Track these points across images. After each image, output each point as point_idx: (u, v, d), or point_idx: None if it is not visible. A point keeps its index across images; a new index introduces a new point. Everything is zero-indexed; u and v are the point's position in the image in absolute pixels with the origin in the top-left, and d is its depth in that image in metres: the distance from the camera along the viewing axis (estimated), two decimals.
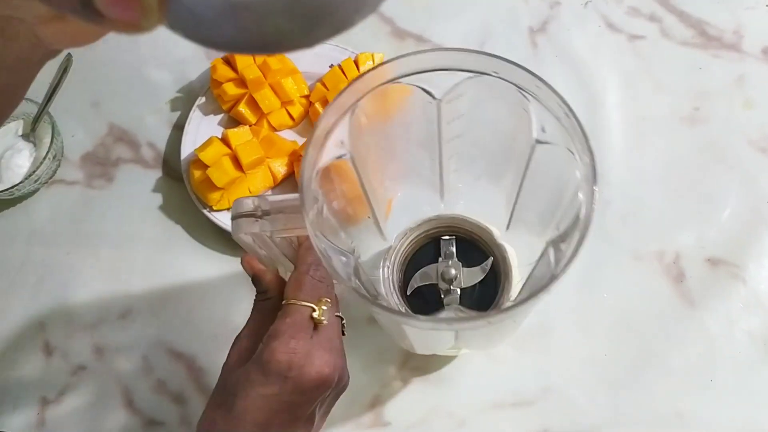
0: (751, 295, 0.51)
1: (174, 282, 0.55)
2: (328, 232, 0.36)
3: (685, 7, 0.61)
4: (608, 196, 0.54)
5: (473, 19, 0.62)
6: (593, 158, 0.30)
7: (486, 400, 0.49)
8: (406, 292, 0.47)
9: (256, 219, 0.35)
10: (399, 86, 0.35)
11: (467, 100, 0.36)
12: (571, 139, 0.32)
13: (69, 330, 0.54)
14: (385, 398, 0.50)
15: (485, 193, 0.46)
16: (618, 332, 0.51)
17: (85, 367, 0.53)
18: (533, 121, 0.34)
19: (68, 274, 0.56)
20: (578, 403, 0.49)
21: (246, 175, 0.54)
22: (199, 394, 0.51)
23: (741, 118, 0.56)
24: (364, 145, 0.38)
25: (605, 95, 0.58)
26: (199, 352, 0.52)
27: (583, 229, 0.30)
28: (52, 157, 0.58)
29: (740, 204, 0.54)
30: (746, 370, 0.49)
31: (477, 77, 0.34)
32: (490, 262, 0.46)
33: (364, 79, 0.34)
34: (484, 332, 0.41)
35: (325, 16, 0.18)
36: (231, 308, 0.53)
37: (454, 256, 0.46)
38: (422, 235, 0.49)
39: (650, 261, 0.52)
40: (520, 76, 0.32)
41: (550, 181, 0.37)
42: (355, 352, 0.51)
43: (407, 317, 0.31)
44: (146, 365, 0.52)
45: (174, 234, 0.56)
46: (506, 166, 0.40)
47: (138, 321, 0.54)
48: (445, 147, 0.40)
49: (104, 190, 0.59)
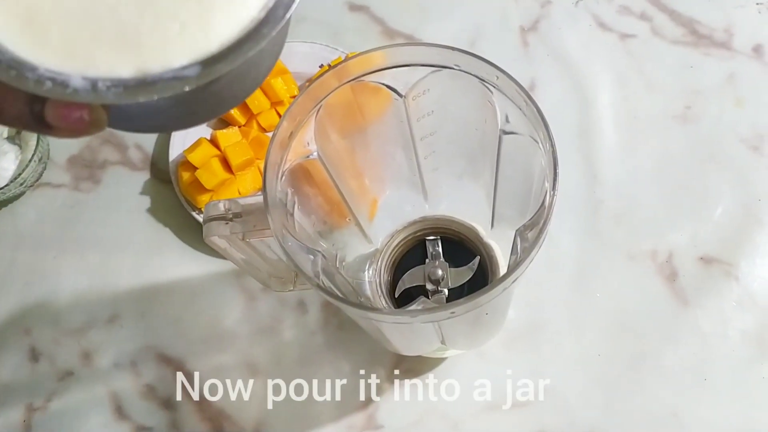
0: (744, 294, 0.51)
1: (162, 285, 0.54)
2: (302, 234, 0.36)
3: (675, 6, 0.61)
4: (600, 195, 0.54)
5: (464, 19, 0.62)
6: (554, 145, 0.30)
7: (479, 402, 0.49)
8: (395, 294, 0.46)
9: (226, 222, 0.34)
10: (364, 85, 0.35)
11: (434, 96, 0.36)
12: (533, 128, 0.32)
13: (56, 335, 0.53)
14: (377, 401, 0.50)
15: (467, 191, 0.46)
16: (611, 332, 0.50)
17: (73, 373, 0.52)
18: (497, 112, 0.34)
19: (55, 278, 0.55)
20: (573, 404, 0.49)
21: (235, 176, 0.54)
22: (188, 399, 0.50)
23: (732, 117, 0.56)
24: (333, 146, 0.38)
25: (597, 94, 0.58)
26: (189, 356, 0.52)
27: (546, 215, 0.30)
28: (38, 160, 0.57)
29: (732, 202, 0.53)
30: (740, 368, 0.49)
31: (439, 71, 0.34)
32: (477, 261, 0.45)
33: (325, 79, 0.34)
34: (464, 327, 0.40)
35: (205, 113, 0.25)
36: (220, 311, 0.53)
37: (440, 256, 0.46)
38: (410, 237, 0.49)
39: (643, 260, 0.52)
40: (481, 67, 0.32)
41: (520, 172, 0.37)
42: (346, 355, 0.51)
43: (372, 311, 0.31)
44: (135, 370, 0.52)
45: (162, 237, 0.56)
46: (482, 161, 0.40)
47: (126, 325, 0.53)
48: (419, 145, 0.40)
49: (91, 192, 0.58)
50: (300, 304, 0.53)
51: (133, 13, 0.21)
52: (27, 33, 0.20)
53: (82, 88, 0.20)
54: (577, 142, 0.56)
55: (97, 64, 0.20)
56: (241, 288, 0.53)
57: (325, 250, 0.40)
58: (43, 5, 0.20)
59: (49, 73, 0.19)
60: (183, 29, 0.21)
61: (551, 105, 0.56)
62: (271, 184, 0.33)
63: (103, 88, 0.20)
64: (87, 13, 0.20)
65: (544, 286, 0.51)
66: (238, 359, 0.51)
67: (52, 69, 0.20)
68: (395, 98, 0.36)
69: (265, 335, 0.52)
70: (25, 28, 0.20)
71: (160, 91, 0.20)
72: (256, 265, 0.40)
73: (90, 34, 0.20)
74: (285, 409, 0.50)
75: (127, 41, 0.20)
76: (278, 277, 0.43)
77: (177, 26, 0.21)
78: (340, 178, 0.41)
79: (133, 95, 0.20)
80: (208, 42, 0.21)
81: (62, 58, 0.20)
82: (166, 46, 0.21)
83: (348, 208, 0.43)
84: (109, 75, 0.20)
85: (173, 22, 0.21)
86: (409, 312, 0.30)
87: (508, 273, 0.29)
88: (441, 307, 0.30)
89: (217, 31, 0.21)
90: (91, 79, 0.20)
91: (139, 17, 0.21)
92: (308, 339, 0.52)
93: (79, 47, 0.20)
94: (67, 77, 0.20)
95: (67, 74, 0.20)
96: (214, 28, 0.21)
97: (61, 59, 0.20)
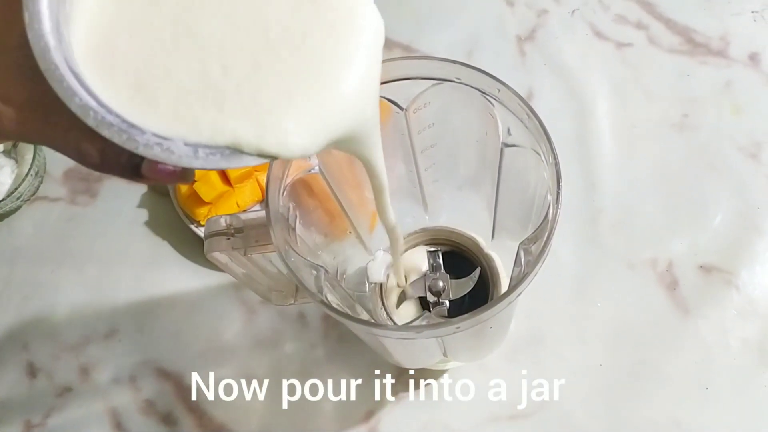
0: (744, 302, 0.51)
1: (161, 299, 0.54)
2: (304, 248, 0.36)
3: (671, 15, 0.61)
4: (600, 205, 0.54)
5: (461, 29, 0.62)
6: (557, 158, 0.30)
7: (481, 413, 0.49)
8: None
9: (228, 237, 0.34)
10: None
11: (435, 109, 0.36)
12: (535, 141, 0.32)
13: (54, 350, 0.53)
14: (379, 413, 0.49)
15: (467, 202, 0.46)
16: (612, 341, 0.50)
17: (71, 389, 0.52)
18: (499, 124, 0.35)
19: (53, 293, 0.55)
20: (575, 415, 0.48)
21: (234, 189, 0.54)
22: (188, 414, 0.50)
23: (730, 124, 0.57)
24: (334, 158, 0.37)
25: (594, 103, 0.58)
26: (188, 370, 0.51)
27: (550, 229, 0.30)
28: (34, 174, 0.57)
29: (731, 210, 0.53)
30: (742, 376, 0.49)
31: (440, 84, 0.34)
32: (477, 272, 0.45)
33: None
34: (467, 341, 0.40)
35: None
36: (220, 325, 0.52)
37: (441, 268, 0.46)
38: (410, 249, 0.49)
39: (643, 269, 0.52)
40: (482, 80, 0.33)
41: (522, 184, 0.37)
42: (347, 368, 0.51)
43: (376, 327, 0.31)
44: (134, 385, 0.51)
45: (160, 250, 0.55)
46: (483, 173, 0.40)
47: (125, 340, 0.53)
48: (419, 158, 0.40)
49: (88, 206, 0.58)
50: (300, 317, 0.52)
51: (231, 84, 0.22)
52: (136, 100, 0.21)
53: (185, 155, 0.21)
54: (576, 151, 0.56)
55: (200, 130, 0.21)
56: (241, 301, 0.53)
57: (327, 263, 0.39)
58: (152, 74, 0.22)
59: (156, 138, 0.21)
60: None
61: (549, 114, 0.56)
62: (273, 199, 0.33)
63: (203, 156, 0.21)
64: (193, 80, 0.22)
65: (544, 296, 0.51)
66: (238, 373, 0.51)
67: (159, 134, 0.21)
68: (396, 111, 0.36)
69: (265, 348, 0.52)
70: (135, 95, 0.21)
71: (249, 161, 0.21)
72: (257, 279, 0.40)
73: (195, 100, 0.22)
74: (286, 421, 0.49)
75: (224, 109, 0.22)
76: (279, 291, 0.42)
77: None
78: (340, 191, 0.40)
79: (230, 163, 0.21)
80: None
81: (168, 123, 0.21)
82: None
83: (348, 221, 0.43)
84: (208, 142, 0.21)
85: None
86: (414, 328, 0.30)
87: (513, 287, 0.29)
88: (446, 322, 0.29)
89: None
90: (193, 145, 0.21)
91: (237, 89, 0.22)
92: (308, 351, 0.51)
93: (184, 112, 0.21)
94: (172, 144, 0.21)
95: (171, 140, 0.21)
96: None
97: (167, 124, 0.21)
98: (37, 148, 0.57)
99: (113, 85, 0.21)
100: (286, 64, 0.22)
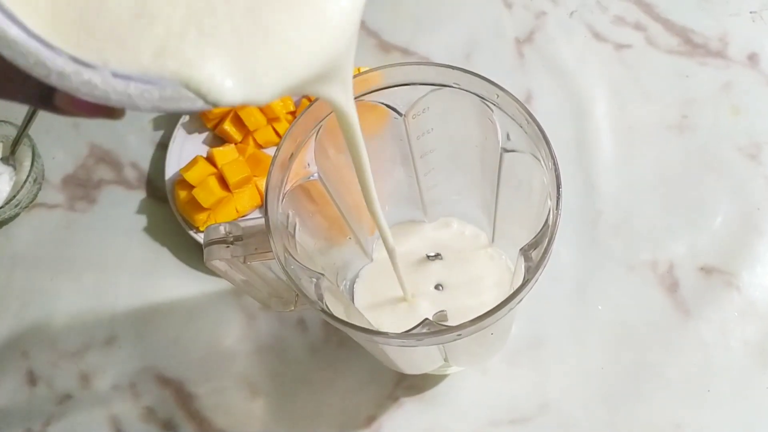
0: (745, 303, 0.50)
1: (160, 305, 0.54)
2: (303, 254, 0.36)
3: (669, 16, 0.61)
4: (599, 207, 0.54)
5: (459, 31, 0.62)
6: (556, 163, 0.30)
7: (482, 418, 0.48)
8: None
9: (227, 245, 0.34)
10: (364, 104, 0.35)
11: (434, 114, 0.36)
12: (535, 146, 0.32)
13: (53, 357, 0.53)
14: (380, 418, 0.49)
15: (466, 207, 0.45)
16: (613, 344, 0.50)
17: (71, 396, 0.51)
18: (498, 129, 0.34)
19: (52, 300, 0.55)
20: (576, 418, 0.48)
21: (233, 194, 0.53)
22: (188, 421, 0.50)
23: (729, 125, 0.56)
24: (334, 166, 0.37)
25: (593, 105, 0.58)
26: (188, 377, 0.51)
27: (551, 235, 0.30)
28: (32, 181, 0.56)
29: (731, 211, 0.53)
30: (743, 378, 0.49)
31: (439, 90, 0.34)
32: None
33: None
34: (468, 347, 0.40)
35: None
36: (220, 331, 0.52)
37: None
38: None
39: (644, 271, 0.52)
40: (481, 85, 0.33)
41: (520, 189, 0.37)
42: (348, 373, 0.50)
43: (377, 334, 0.31)
44: (134, 392, 0.51)
45: (160, 256, 0.55)
46: (482, 178, 0.40)
47: (124, 347, 0.53)
48: (419, 163, 0.40)
49: (87, 213, 0.58)
50: (300, 323, 0.52)
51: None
52: (71, 26, 0.18)
53: (111, 89, 0.18)
54: (574, 153, 0.56)
55: (140, 56, 0.18)
56: (240, 307, 0.53)
57: (326, 268, 0.39)
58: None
59: (74, 66, 0.18)
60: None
61: (547, 116, 0.56)
62: (272, 207, 0.32)
63: (136, 92, 0.18)
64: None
65: (544, 299, 0.51)
66: (238, 378, 0.51)
67: (82, 59, 0.18)
68: (395, 117, 0.36)
69: (265, 354, 0.52)
70: (70, 25, 0.18)
71: (194, 105, 0.19)
72: (257, 286, 0.40)
73: (145, 25, 0.18)
74: (286, 427, 0.49)
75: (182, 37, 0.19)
76: (278, 297, 0.42)
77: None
78: (339, 196, 0.40)
79: (167, 104, 0.19)
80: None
81: (100, 46, 0.18)
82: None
83: (348, 225, 0.43)
84: (146, 73, 0.18)
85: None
86: (415, 335, 0.30)
87: (515, 294, 0.29)
88: (447, 330, 0.29)
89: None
90: (124, 77, 0.18)
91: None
92: (309, 357, 0.51)
93: (124, 33, 0.18)
94: (95, 74, 0.18)
95: (96, 68, 0.18)
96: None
97: (97, 49, 0.18)
98: (35, 155, 0.56)
99: (50, 16, 0.18)
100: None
